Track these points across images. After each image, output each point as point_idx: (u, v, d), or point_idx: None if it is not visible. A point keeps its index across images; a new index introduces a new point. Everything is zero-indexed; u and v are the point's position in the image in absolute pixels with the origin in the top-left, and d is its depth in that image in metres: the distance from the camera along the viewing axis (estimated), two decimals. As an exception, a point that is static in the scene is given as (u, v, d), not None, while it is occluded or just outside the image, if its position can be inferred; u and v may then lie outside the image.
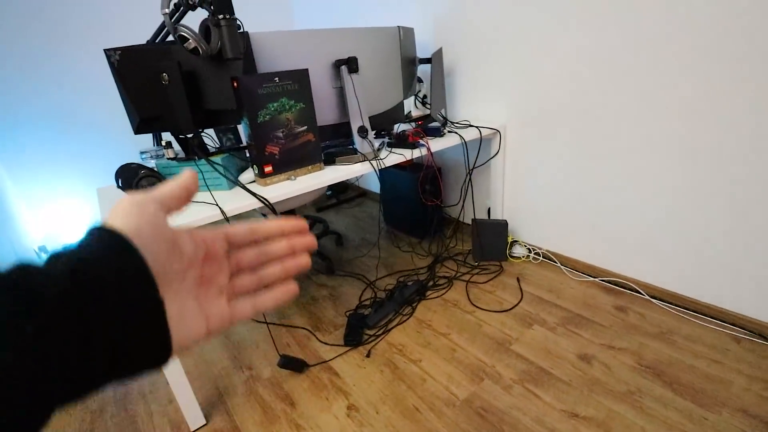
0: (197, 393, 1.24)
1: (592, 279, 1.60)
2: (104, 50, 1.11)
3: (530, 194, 1.76)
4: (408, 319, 1.49)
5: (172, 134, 1.18)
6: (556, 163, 1.61)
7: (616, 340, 1.28)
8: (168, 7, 0.97)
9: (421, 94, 2.00)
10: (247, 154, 1.29)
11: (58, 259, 0.19)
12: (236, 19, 0.99)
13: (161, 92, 1.10)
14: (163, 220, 0.23)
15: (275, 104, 1.14)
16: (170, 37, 1.13)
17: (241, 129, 1.19)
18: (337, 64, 1.28)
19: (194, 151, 1.14)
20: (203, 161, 1.15)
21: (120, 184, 1.15)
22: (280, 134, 1.18)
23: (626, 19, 1.26)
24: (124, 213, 0.21)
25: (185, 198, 0.26)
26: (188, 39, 1.00)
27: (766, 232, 1.16)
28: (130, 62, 1.11)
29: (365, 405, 1.15)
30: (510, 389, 1.15)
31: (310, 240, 0.33)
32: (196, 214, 1.01)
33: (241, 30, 1.06)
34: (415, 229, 2.11)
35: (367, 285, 1.72)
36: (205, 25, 1.06)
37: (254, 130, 1.12)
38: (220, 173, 1.13)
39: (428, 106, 1.91)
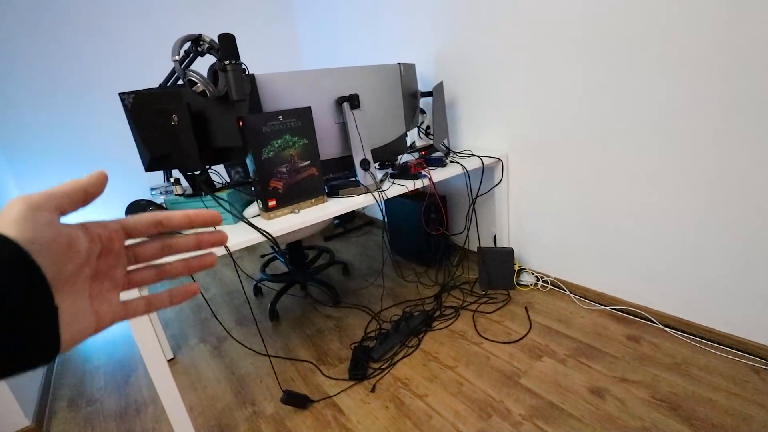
0: (199, 430, 1.22)
1: (602, 307, 1.56)
2: (119, 94, 1.18)
3: (536, 221, 1.75)
4: (414, 351, 1.46)
5: (180, 171, 1.22)
6: (560, 189, 1.61)
7: (629, 373, 1.24)
8: (178, 54, 1.03)
9: (424, 125, 2.04)
10: (253, 189, 1.33)
11: None
12: (241, 63, 1.05)
13: (171, 132, 1.15)
14: (57, 222, 0.22)
15: (279, 141, 1.18)
16: (180, 81, 1.19)
17: (248, 164, 1.23)
18: (339, 101, 1.32)
19: (201, 187, 1.18)
20: (209, 197, 1.18)
21: (129, 221, 1.19)
22: (284, 169, 1.21)
23: (622, 47, 1.29)
24: (17, 217, 0.20)
25: (82, 200, 0.24)
26: (197, 83, 1.06)
27: (777, 258, 1.13)
28: (142, 105, 1.17)
29: (370, 443, 1.12)
30: (519, 426, 1.11)
31: (219, 236, 0.31)
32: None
33: (246, 72, 1.11)
34: (420, 258, 2.10)
35: (372, 317, 1.71)
36: (213, 70, 1.12)
37: (258, 166, 1.15)
38: (225, 209, 1.16)
39: (431, 137, 1.95)
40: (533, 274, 1.80)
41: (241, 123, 1.12)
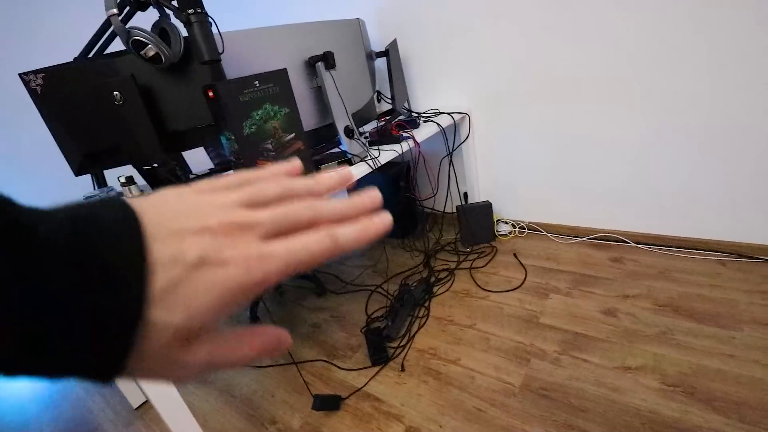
0: (224, 470, 1.03)
1: (580, 239, 1.68)
2: (20, 75, 0.86)
3: (504, 171, 1.80)
4: (427, 320, 1.41)
5: (134, 166, 0.95)
6: (524, 136, 1.66)
7: (626, 289, 1.35)
8: (115, 6, 0.77)
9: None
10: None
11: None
12: (206, 13, 0.83)
13: (113, 116, 0.88)
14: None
15: (260, 112, 0.99)
16: (109, 49, 0.92)
17: (225, 144, 1.01)
18: (312, 62, 1.15)
19: (169, 180, 0.93)
20: (182, 192, 0.94)
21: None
22: (270, 146, 1.02)
23: (576, -11, 1.34)
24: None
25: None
26: (147, 44, 0.81)
27: (725, 161, 1.31)
28: (60, 85, 0.88)
29: (425, 422, 1.04)
30: (559, 362, 1.14)
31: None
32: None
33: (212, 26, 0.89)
34: (392, 230, 2.03)
35: (370, 293, 1.60)
36: (160, 27, 0.87)
37: (242, 144, 0.95)
38: (212, 201, 0.94)
39: (388, 101, 1.85)
40: (509, 222, 1.86)
41: (211, 93, 0.90)
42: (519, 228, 1.84)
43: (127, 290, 0.15)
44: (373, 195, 0.24)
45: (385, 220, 0.22)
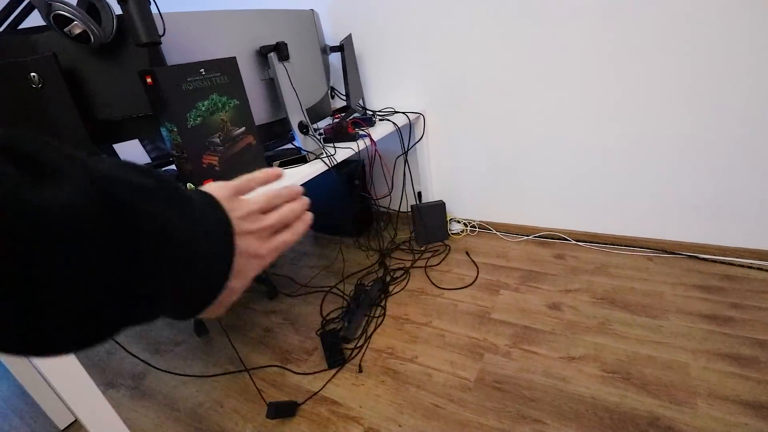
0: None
1: (527, 237, 1.76)
2: None
3: (457, 172, 1.84)
4: (383, 319, 1.40)
5: (56, 158, 0.84)
6: (474, 138, 1.71)
7: (569, 284, 1.44)
8: (32, -26, 0.67)
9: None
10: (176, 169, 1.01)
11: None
12: (145, -10, 0.74)
13: (29, 102, 0.77)
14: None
15: (206, 102, 0.91)
16: (24, 24, 0.80)
17: (165, 136, 0.92)
18: (264, 51, 1.09)
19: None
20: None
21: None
22: (217, 140, 0.95)
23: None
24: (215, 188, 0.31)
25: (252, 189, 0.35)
26: (72, 21, 0.71)
27: (651, 166, 1.44)
28: (-41, 61, 0.75)
29: (384, 423, 1.03)
30: (510, 355, 1.18)
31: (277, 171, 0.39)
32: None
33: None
34: (346, 229, 2.00)
35: (325, 294, 1.56)
36: (88, 2, 0.77)
37: (185, 137, 0.87)
38: (151, 199, 0.85)
39: (342, 98, 1.81)
40: (461, 222, 1.91)
41: (149, 79, 0.82)
42: (470, 227, 1.89)
43: (222, 266, 0.27)
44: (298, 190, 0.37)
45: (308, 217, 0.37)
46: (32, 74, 0.74)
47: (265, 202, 0.33)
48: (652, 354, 1.10)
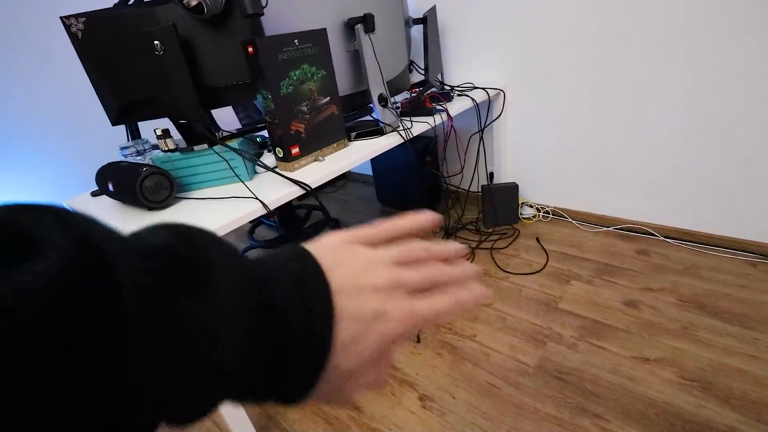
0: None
1: (606, 229, 1.64)
2: (61, 18, 0.85)
3: (534, 154, 1.75)
4: (444, 295, 1.42)
5: (171, 120, 0.95)
6: (557, 118, 1.61)
7: (651, 282, 1.33)
8: (161, -49, 0.75)
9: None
10: (265, 136, 1.11)
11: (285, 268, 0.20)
12: (252, -37, 0.80)
13: (152, 66, 0.87)
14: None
15: (297, 72, 0.97)
16: (151, -4, 0.90)
17: (260, 104, 1.00)
18: (351, 23, 1.12)
19: (206, 137, 0.93)
20: (215, 149, 0.95)
21: (111, 189, 0.92)
22: (305, 108, 1.01)
23: (636, -38, 1.24)
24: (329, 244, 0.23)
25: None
26: (190, -7, 0.79)
27: (759, 162, 1.25)
28: (101, 30, 0.87)
29: (438, 392, 1.07)
30: (575, 347, 1.14)
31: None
32: (233, 211, 0.83)
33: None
34: (413, 205, 2.02)
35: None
36: (202, -24, 0.84)
37: (278, 104, 0.94)
38: (246, 159, 0.94)
39: (421, 72, 1.79)
40: (534, 206, 1.83)
41: (251, 48, 0.89)
42: (543, 212, 1.81)
43: (321, 341, 0.19)
44: (461, 251, 0.27)
45: (481, 291, 0.25)
46: (156, 42, 0.84)
47: (406, 253, 0.24)
48: (743, 367, 1.00)
